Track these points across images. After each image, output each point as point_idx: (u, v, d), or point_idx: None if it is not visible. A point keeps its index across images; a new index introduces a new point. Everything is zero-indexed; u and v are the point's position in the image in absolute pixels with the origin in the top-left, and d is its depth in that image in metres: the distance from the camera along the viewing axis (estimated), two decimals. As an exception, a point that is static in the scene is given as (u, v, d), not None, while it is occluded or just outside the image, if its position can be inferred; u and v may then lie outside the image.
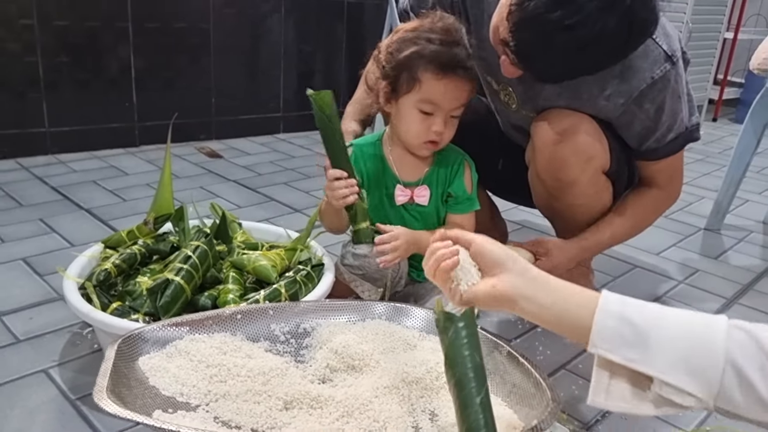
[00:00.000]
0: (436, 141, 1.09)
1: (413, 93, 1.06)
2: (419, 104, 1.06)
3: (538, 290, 0.64)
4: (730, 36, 3.44)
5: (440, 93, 1.04)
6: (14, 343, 1.09)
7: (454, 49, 1.04)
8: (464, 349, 0.68)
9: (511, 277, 0.65)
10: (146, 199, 1.77)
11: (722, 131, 3.39)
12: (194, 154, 2.25)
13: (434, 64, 1.03)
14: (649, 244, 1.74)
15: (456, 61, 1.03)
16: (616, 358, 0.57)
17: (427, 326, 0.99)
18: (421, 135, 1.08)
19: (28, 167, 1.96)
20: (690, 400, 0.55)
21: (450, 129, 1.09)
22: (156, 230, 1.20)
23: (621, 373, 0.58)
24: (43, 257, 1.40)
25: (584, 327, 0.59)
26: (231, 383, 0.83)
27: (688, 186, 2.34)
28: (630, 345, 0.57)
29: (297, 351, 0.94)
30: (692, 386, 0.54)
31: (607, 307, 0.59)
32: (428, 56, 1.03)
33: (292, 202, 1.85)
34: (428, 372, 0.89)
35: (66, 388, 0.98)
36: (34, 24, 1.95)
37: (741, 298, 1.46)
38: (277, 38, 2.50)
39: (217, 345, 0.88)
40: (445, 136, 1.09)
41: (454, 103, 1.06)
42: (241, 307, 0.96)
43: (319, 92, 1.08)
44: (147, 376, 0.81)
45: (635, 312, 0.58)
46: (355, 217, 1.11)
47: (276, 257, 1.14)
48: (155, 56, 2.22)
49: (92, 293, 1.02)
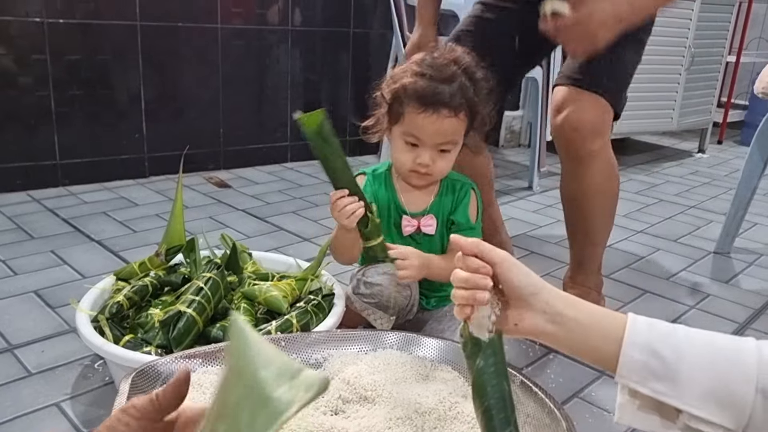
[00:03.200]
0: (423, 172, 1.10)
1: (399, 124, 1.10)
2: (404, 136, 1.09)
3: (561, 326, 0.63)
4: (733, 59, 3.47)
5: (420, 128, 1.06)
6: (26, 376, 1.09)
7: (440, 86, 1.05)
8: (492, 378, 0.67)
9: (534, 315, 0.64)
10: (156, 230, 1.78)
11: (728, 154, 3.40)
12: (203, 184, 2.27)
13: (415, 99, 1.05)
14: (659, 269, 1.73)
15: (437, 98, 1.04)
16: (644, 390, 0.57)
17: (439, 356, 0.99)
18: (406, 164, 1.11)
19: (39, 199, 1.98)
20: (719, 430, 0.54)
21: (442, 161, 1.10)
22: (167, 262, 1.21)
23: (648, 403, 0.58)
24: (54, 289, 1.40)
25: (609, 358, 0.59)
26: None
27: (695, 209, 2.34)
28: (658, 378, 0.56)
29: None
30: (722, 418, 0.54)
31: (635, 339, 0.59)
32: (411, 91, 1.06)
33: (300, 231, 1.86)
34: (441, 402, 0.88)
35: (78, 422, 0.98)
36: (47, 58, 1.99)
37: (753, 322, 1.45)
38: (284, 68, 2.53)
39: None
40: (435, 168, 1.10)
41: (436, 139, 1.07)
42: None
43: (309, 114, 1.05)
44: None
45: (663, 342, 0.58)
46: (369, 234, 1.10)
47: (287, 287, 1.15)
48: (164, 88, 2.25)
49: (105, 326, 1.03)
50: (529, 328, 0.65)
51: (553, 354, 1.24)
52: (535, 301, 0.64)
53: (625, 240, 1.96)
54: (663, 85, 2.91)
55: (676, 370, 0.56)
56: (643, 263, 1.78)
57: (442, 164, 1.11)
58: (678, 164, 3.09)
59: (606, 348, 0.60)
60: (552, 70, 2.40)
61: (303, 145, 2.67)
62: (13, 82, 1.96)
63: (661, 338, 0.58)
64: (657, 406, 0.58)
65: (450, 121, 1.06)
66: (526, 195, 2.38)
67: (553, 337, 0.64)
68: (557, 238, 1.92)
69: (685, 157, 3.27)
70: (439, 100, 1.04)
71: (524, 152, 2.99)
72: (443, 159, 1.11)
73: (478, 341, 0.67)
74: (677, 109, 3.01)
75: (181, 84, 2.29)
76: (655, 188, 2.61)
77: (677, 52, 2.89)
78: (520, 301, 0.65)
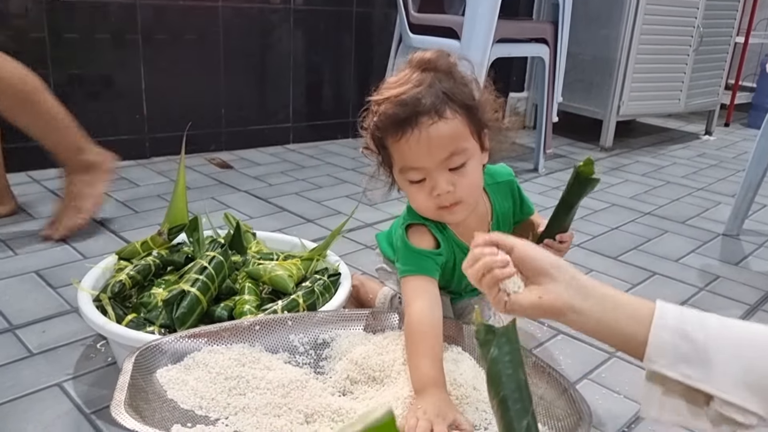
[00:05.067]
0: (448, 205, 0.90)
1: (395, 167, 0.92)
2: (404, 176, 0.91)
3: (587, 301, 0.61)
4: (741, 40, 3.42)
5: (409, 154, 0.87)
6: (28, 356, 1.08)
7: (402, 98, 0.85)
8: (507, 367, 0.64)
9: (558, 287, 0.62)
10: (158, 211, 1.76)
11: (735, 136, 3.36)
12: (205, 165, 2.24)
13: (387, 126, 0.87)
14: (668, 251, 1.71)
15: (406, 108, 0.85)
16: (674, 374, 0.55)
17: (448, 336, 0.97)
18: (429, 206, 0.91)
19: (40, 180, 1.96)
20: (752, 418, 0.52)
21: (463, 180, 0.89)
22: (170, 241, 1.19)
23: (675, 389, 0.55)
24: (55, 269, 1.39)
25: (636, 340, 0.56)
26: (250, 396, 0.81)
27: (703, 191, 2.31)
28: (689, 361, 0.54)
29: (316, 362, 0.92)
30: (755, 404, 0.51)
31: (664, 321, 0.56)
32: (380, 122, 0.88)
33: (304, 212, 1.84)
34: (450, 384, 0.87)
35: (81, 402, 0.96)
36: (46, 37, 1.96)
37: (764, 304, 1.43)
38: (286, 48, 2.49)
39: (236, 357, 0.87)
40: (461, 192, 0.89)
41: (436, 156, 0.86)
42: (260, 318, 0.94)
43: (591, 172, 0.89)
44: (165, 389, 0.80)
45: (695, 326, 0.55)
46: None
47: (292, 267, 1.13)
48: (165, 67, 2.22)
49: (107, 305, 1.01)
50: (554, 300, 0.62)
51: (562, 335, 1.22)
52: (559, 273, 0.62)
53: (633, 222, 1.93)
54: (671, 66, 2.87)
55: (708, 354, 0.53)
56: (651, 245, 1.76)
57: (466, 182, 0.89)
58: (685, 146, 3.06)
59: (634, 329, 0.57)
60: (560, 50, 2.36)
61: (305, 127, 2.64)
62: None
63: (692, 322, 0.55)
64: (685, 392, 0.55)
65: (437, 127, 0.85)
66: (532, 177, 2.35)
67: (577, 313, 0.61)
68: (564, 220, 1.89)
69: (691, 139, 3.23)
70: (412, 111, 0.84)
71: (529, 134, 2.95)
72: (463, 177, 0.89)
73: (492, 328, 0.65)
74: (685, 90, 2.97)
75: (181, 64, 2.26)
76: (661, 170, 2.58)
77: (686, 32, 2.84)
78: (543, 276, 0.63)
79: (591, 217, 1.95)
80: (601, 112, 2.80)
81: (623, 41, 2.66)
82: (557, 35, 2.34)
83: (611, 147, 2.83)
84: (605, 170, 2.52)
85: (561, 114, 2.53)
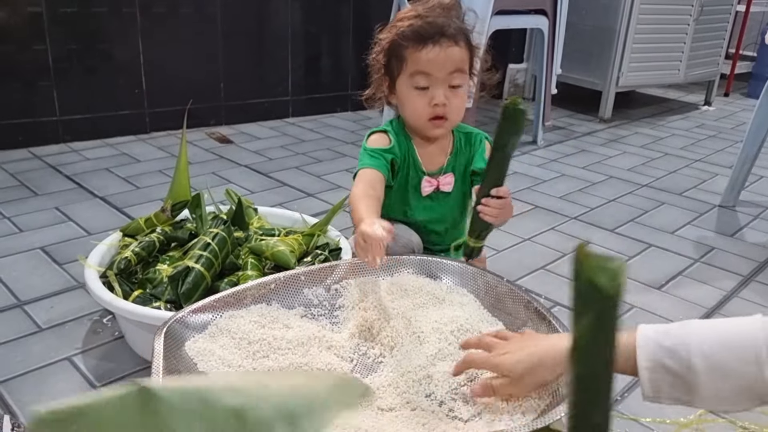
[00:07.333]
0: (442, 115, 1.08)
1: (404, 73, 1.08)
2: (411, 80, 1.07)
3: None
4: (742, 9, 3.39)
5: (425, 61, 1.05)
6: (37, 331, 1.10)
7: (431, 20, 1.06)
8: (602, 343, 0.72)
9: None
10: (160, 186, 1.77)
11: (734, 106, 3.36)
12: (205, 140, 2.25)
13: (412, 37, 1.05)
14: (664, 223, 1.73)
15: (434, 28, 1.05)
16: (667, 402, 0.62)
17: (453, 279, 1.01)
18: (424, 113, 1.08)
19: (41, 156, 1.97)
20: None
21: (455, 100, 1.08)
22: (173, 217, 1.21)
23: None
24: (61, 246, 1.41)
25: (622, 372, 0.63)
26: (273, 357, 0.84)
27: (701, 162, 2.32)
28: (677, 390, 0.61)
29: (331, 312, 0.96)
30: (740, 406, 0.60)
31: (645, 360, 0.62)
32: (406, 33, 1.06)
33: (304, 187, 1.85)
34: (457, 329, 0.90)
35: (91, 376, 0.99)
36: (42, 11, 1.95)
37: (758, 275, 1.46)
38: (284, 21, 2.48)
39: (256, 318, 0.89)
40: (450, 108, 1.08)
41: (445, 69, 1.05)
42: (276, 276, 0.96)
43: (518, 103, 0.92)
44: (195, 362, 0.81)
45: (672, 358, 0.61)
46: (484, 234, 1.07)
47: (294, 242, 1.15)
48: (163, 41, 2.21)
49: (114, 282, 1.03)
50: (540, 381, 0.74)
51: (559, 307, 1.25)
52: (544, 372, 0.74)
53: (630, 194, 1.95)
54: (671, 36, 2.85)
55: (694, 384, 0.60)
56: (648, 217, 1.78)
57: (456, 102, 1.08)
58: (684, 117, 3.06)
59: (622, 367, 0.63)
60: (559, 21, 2.35)
61: (305, 100, 2.64)
62: (8, 36, 1.92)
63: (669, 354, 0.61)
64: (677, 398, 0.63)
65: (452, 49, 1.05)
66: (531, 149, 2.36)
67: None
68: (562, 192, 1.91)
69: (691, 110, 3.23)
70: (438, 31, 1.04)
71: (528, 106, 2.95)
72: (456, 96, 1.08)
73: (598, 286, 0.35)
74: (684, 60, 2.95)
75: (180, 37, 2.25)
76: (660, 141, 2.59)
77: (686, 1, 2.82)
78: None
79: (588, 189, 1.97)
80: (600, 83, 2.79)
81: (623, 10, 2.64)
82: (556, 6, 2.33)
83: (610, 118, 2.83)
84: (604, 142, 2.53)
85: (560, 86, 2.53)
